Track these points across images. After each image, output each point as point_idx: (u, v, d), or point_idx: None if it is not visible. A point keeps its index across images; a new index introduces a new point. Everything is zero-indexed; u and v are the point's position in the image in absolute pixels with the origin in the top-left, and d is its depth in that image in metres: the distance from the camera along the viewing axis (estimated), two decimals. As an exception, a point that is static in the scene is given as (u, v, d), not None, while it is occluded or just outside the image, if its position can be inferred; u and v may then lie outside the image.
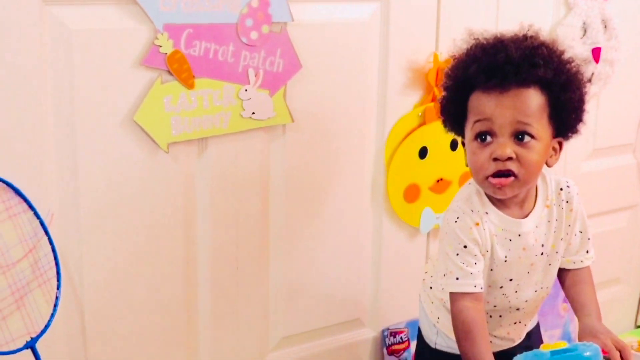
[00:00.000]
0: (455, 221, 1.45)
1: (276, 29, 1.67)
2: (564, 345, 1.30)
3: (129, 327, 1.66)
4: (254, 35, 1.64)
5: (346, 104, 1.82)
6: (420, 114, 1.91)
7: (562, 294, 1.65)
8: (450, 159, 1.96)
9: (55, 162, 1.50)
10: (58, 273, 1.50)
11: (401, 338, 2.04)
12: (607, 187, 2.38)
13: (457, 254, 1.43)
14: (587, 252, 1.54)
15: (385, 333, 2.03)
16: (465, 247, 1.43)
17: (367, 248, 1.96)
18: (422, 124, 1.92)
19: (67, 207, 1.53)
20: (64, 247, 1.54)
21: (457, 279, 1.43)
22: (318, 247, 1.88)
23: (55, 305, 1.50)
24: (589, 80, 2.16)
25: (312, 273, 1.89)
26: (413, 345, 2.02)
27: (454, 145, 1.95)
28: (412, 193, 1.95)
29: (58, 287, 1.50)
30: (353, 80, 1.82)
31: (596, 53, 2.17)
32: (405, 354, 2.04)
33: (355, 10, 1.80)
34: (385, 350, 2.03)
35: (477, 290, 1.43)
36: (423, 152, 1.94)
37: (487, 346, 1.40)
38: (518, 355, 1.33)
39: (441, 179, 1.98)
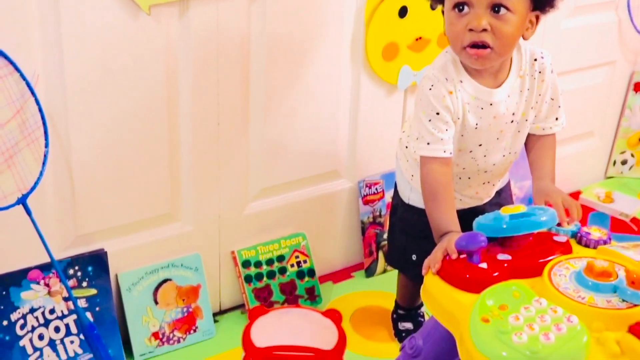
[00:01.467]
0: (430, 89, 1.49)
1: None
2: (523, 209, 1.36)
3: (115, 182, 1.73)
4: None
5: (328, -38, 1.82)
6: (402, -27, 1.91)
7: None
8: (429, 18, 1.97)
9: (39, 25, 1.51)
10: (45, 132, 1.54)
11: (376, 189, 2.12)
12: (587, 44, 2.39)
13: (430, 120, 1.48)
14: (557, 119, 1.58)
15: (361, 184, 2.11)
16: (437, 114, 1.48)
17: (345, 104, 2.00)
18: (404, -18, 1.92)
19: (52, 69, 1.56)
20: (50, 107, 1.58)
21: (428, 143, 1.49)
22: (297, 103, 1.92)
23: (44, 163, 1.55)
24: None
25: (291, 128, 1.93)
26: (387, 195, 2.11)
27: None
28: (390, 51, 1.97)
29: (46, 146, 1.55)
30: (336, -62, 1.80)
31: None
32: (379, 204, 2.14)
33: None
34: (360, 200, 2.11)
35: (447, 155, 1.49)
36: (403, 11, 1.94)
37: (451, 208, 1.48)
38: (479, 217, 1.39)
39: (420, 38, 1.99)
